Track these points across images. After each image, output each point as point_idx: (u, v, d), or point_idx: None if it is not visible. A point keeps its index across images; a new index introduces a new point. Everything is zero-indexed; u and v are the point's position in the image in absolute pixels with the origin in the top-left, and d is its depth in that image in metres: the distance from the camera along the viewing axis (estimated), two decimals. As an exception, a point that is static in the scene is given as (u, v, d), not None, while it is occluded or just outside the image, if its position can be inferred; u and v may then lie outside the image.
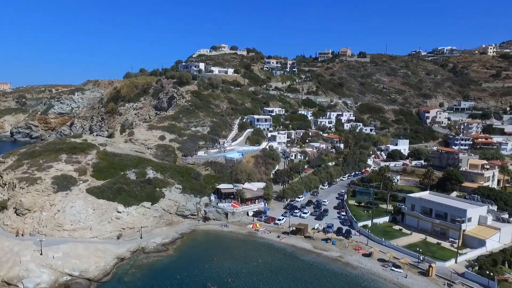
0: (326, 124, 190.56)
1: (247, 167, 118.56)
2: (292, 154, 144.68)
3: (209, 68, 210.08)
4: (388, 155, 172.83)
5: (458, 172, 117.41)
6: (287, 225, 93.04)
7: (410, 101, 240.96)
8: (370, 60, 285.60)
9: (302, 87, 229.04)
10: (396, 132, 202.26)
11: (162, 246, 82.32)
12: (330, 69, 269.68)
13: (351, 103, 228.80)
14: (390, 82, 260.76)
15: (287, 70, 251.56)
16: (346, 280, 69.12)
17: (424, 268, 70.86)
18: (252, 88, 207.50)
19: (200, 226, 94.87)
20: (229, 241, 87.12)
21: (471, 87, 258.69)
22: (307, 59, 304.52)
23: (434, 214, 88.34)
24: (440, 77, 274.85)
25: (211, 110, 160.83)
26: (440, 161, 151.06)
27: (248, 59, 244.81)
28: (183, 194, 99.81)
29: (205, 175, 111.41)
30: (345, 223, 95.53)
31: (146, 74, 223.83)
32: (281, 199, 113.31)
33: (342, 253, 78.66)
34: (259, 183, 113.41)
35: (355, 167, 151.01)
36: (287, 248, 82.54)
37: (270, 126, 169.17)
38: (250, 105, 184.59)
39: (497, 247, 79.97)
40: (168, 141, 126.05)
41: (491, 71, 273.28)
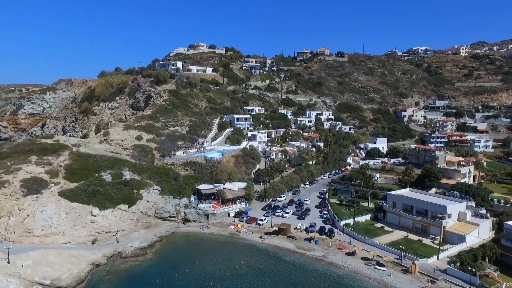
0: (306, 123, 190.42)
1: (228, 167, 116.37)
2: (272, 154, 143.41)
3: (187, 67, 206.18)
4: (367, 154, 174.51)
5: (436, 169, 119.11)
6: (270, 225, 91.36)
7: (387, 100, 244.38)
8: (348, 60, 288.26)
9: (281, 86, 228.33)
10: (374, 131, 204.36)
11: (140, 250, 79.05)
12: (309, 69, 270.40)
13: (330, 102, 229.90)
14: (367, 81, 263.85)
15: (266, 69, 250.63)
16: (331, 280, 68.08)
17: (407, 265, 70.70)
18: (231, 87, 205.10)
19: (180, 228, 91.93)
20: (210, 243, 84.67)
21: (445, 86, 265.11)
22: (286, 59, 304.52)
23: (415, 211, 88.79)
24: (416, 76, 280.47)
25: (189, 109, 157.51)
26: (418, 158, 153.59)
27: (226, 58, 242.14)
28: (162, 196, 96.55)
29: (185, 176, 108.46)
30: (327, 222, 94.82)
31: (122, 73, 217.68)
32: (262, 199, 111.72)
33: (325, 253, 77.68)
34: (240, 183, 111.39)
35: (335, 166, 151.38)
36: (270, 248, 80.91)
37: (250, 125, 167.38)
38: (230, 105, 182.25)
39: (476, 242, 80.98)
40: (145, 141, 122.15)
41: (464, 71, 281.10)
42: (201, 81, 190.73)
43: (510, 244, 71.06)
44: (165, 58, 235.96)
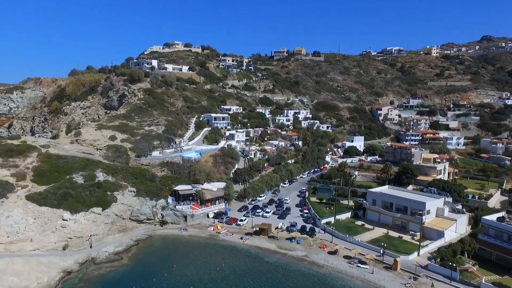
0: (284, 122, 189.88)
1: (206, 167, 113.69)
2: (251, 153, 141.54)
3: (162, 65, 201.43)
4: (344, 152, 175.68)
5: (413, 166, 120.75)
6: (250, 225, 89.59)
7: (363, 99, 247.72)
8: (324, 59, 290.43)
9: (259, 85, 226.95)
10: (351, 129, 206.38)
11: (115, 255, 75.42)
12: (286, 68, 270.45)
13: (307, 101, 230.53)
14: (344, 80, 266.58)
15: (243, 68, 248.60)
16: (314, 280, 66.92)
17: (389, 262, 70.57)
18: (208, 86, 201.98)
19: (157, 231, 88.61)
20: (189, 245, 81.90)
21: (418, 86, 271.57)
22: (262, 58, 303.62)
23: (394, 208, 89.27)
24: (390, 76, 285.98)
25: (165, 108, 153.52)
26: (394, 156, 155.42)
27: (203, 57, 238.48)
28: (138, 198, 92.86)
29: (161, 177, 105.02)
30: (308, 220, 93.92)
31: (94, 72, 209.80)
32: (242, 199, 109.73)
33: (307, 252, 76.58)
34: (219, 183, 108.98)
35: (314, 164, 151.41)
36: (251, 249, 79.09)
37: (228, 124, 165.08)
38: (207, 104, 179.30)
39: (454, 237, 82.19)
40: (119, 141, 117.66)
41: (435, 71, 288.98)
42: (177, 79, 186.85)
43: (487, 239, 72.18)
44: (139, 57, 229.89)
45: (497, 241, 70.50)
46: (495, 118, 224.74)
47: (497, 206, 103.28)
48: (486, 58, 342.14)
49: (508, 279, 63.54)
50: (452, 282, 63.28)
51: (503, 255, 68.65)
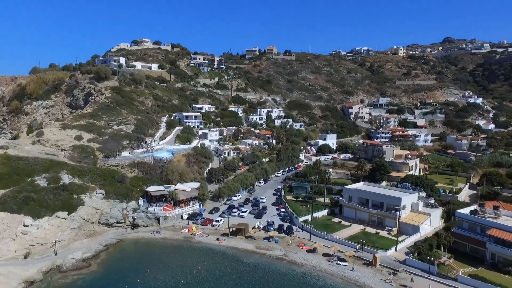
0: (257, 121, 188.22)
1: (179, 166, 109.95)
2: (225, 152, 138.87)
3: (130, 63, 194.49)
4: (318, 150, 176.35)
5: (386, 162, 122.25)
6: (226, 226, 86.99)
7: (334, 97, 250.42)
8: (296, 59, 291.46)
9: (231, 84, 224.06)
10: (323, 128, 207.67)
11: (83, 261, 70.73)
12: (257, 67, 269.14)
13: (280, 100, 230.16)
14: (315, 79, 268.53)
15: (215, 66, 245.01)
16: (294, 279, 65.35)
17: (368, 258, 70.17)
18: (179, 84, 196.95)
19: (128, 235, 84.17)
20: (163, 249, 78.21)
21: (387, 85, 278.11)
22: (234, 56, 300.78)
23: (370, 204, 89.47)
24: (360, 75, 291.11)
25: (135, 107, 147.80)
26: (366, 153, 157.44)
27: (173, 55, 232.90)
28: (107, 200, 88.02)
29: (132, 178, 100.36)
30: (285, 219, 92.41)
31: (58, 70, 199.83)
32: (217, 199, 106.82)
33: (286, 251, 74.99)
34: (193, 183, 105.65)
35: (288, 163, 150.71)
36: (228, 250, 76.56)
37: (201, 123, 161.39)
38: (178, 102, 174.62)
39: (429, 231, 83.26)
40: (86, 141, 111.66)
41: (403, 70, 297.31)
42: (147, 78, 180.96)
43: (461, 232, 73.36)
44: (106, 54, 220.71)
45: (470, 234, 71.75)
46: (459, 115, 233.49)
47: (466, 199, 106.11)
48: (448, 59, 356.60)
49: (482, 270, 64.58)
50: (431, 276, 63.52)
51: (477, 247, 69.90)
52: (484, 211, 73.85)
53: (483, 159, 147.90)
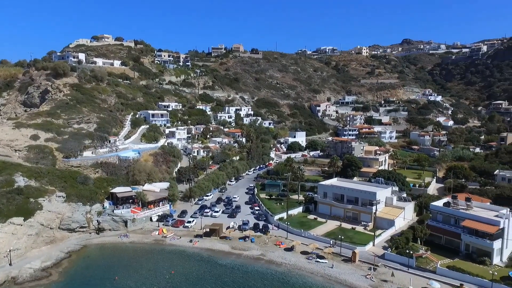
0: (226, 119, 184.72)
1: (146, 166, 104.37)
2: (194, 151, 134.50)
3: (91, 59, 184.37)
4: (288, 148, 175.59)
5: (357, 158, 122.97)
6: (199, 227, 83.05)
7: (302, 96, 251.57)
8: (263, 57, 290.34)
9: (198, 82, 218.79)
10: (292, 125, 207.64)
11: (43, 271, 64.39)
12: (224, 64, 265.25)
13: (248, 98, 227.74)
14: (282, 78, 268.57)
15: (180, 64, 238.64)
16: (273, 279, 62.80)
17: (347, 255, 69.00)
18: (143, 82, 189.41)
19: (93, 240, 78.06)
20: (132, 253, 73.08)
21: (352, 83, 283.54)
22: (200, 54, 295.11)
23: (345, 199, 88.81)
24: (326, 74, 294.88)
25: (96, 105, 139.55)
26: (335, 150, 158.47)
27: (136, 51, 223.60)
28: (68, 203, 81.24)
29: (95, 179, 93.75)
30: (260, 218, 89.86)
31: (9, 66, 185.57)
32: (188, 199, 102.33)
33: (263, 251, 72.34)
34: (162, 183, 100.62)
35: (259, 161, 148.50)
36: (203, 252, 72.75)
37: (168, 121, 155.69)
38: (143, 100, 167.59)
39: (403, 225, 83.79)
40: (43, 141, 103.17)
41: (367, 69, 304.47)
42: (109, 74, 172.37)
43: (435, 224, 74.01)
44: (63, 50, 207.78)
45: (445, 226, 72.51)
46: (420, 113, 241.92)
47: (435, 193, 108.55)
48: (408, 59, 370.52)
49: (458, 261, 65.13)
50: (410, 269, 63.21)
51: (451, 239, 70.65)
52: (456, 203, 74.95)
53: (447, 153, 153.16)
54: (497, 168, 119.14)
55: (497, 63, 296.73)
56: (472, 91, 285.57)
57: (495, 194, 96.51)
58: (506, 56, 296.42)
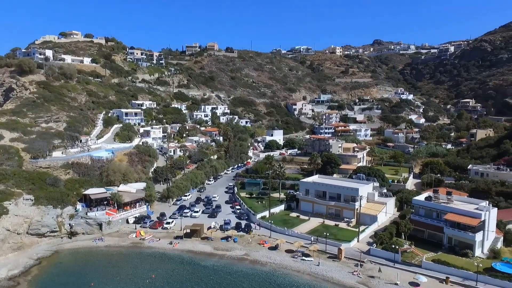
0: (203, 118, 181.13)
1: (121, 166, 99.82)
2: (171, 150, 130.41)
3: (59, 56, 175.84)
4: (265, 146, 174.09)
5: (336, 155, 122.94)
6: (179, 228, 79.87)
7: (278, 94, 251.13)
8: (238, 56, 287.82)
9: (172, 80, 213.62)
10: (269, 124, 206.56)
11: (9, 280, 59.61)
12: (199, 63, 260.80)
13: (224, 96, 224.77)
14: (258, 76, 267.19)
15: (154, 62, 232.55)
16: (259, 279, 60.78)
17: (333, 252, 67.96)
18: (115, 79, 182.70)
19: (65, 245, 73.28)
20: (108, 258, 69.05)
21: (327, 82, 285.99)
22: (174, 52, 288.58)
23: (328, 196, 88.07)
24: (301, 73, 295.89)
25: (66, 103, 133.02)
26: (313, 148, 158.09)
27: (107, 49, 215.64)
28: (37, 207, 75.99)
29: (66, 180, 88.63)
30: (242, 217, 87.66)
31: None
32: (166, 199, 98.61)
33: (247, 250, 70.17)
34: (138, 184, 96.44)
35: (237, 160, 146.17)
36: (184, 254, 69.74)
37: (142, 120, 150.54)
38: (115, 98, 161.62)
39: (385, 220, 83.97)
40: (8, 141, 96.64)
41: (341, 68, 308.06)
42: (79, 72, 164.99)
43: (418, 218, 74.31)
44: (29, 46, 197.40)
45: (427, 220, 72.91)
46: (393, 111, 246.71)
47: (412, 188, 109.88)
48: (380, 59, 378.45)
49: (441, 255, 65.41)
50: (396, 264, 62.87)
51: (434, 233, 71.10)
52: (437, 197, 75.60)
53: (421, 150, 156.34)
54: (469, 163, 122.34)
55: (464, 63, 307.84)
56: (441, 90, 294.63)
57: (471, 188, 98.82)
58: (472, 57, 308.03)
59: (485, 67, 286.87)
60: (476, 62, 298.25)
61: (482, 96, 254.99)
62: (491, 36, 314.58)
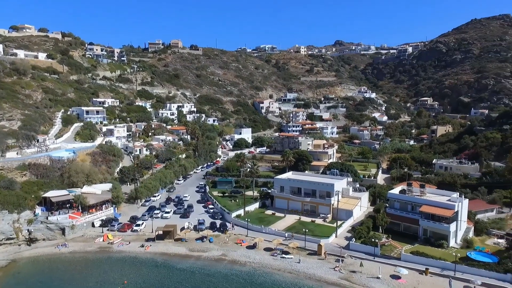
0: (169, 116, 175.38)
1: (84, 167, 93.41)
2: (136, 149, 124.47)
3: (10, 51, 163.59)
4: (234, 145, 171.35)
5: (308, 152, 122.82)
6: (150, 230, 75.54)
7: (244, 93, 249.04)
8: (203, 53, 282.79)
9: (135, 78, 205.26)
10: (236, 122, 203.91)
11: (-41, 295, 52.92)
12: (163, 60, 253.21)
13: (190, 94, 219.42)
14: (224, 75, 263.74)
15: (115, 59, 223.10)
16: (239, 280, 58.26)
17: (312, 248, 66.77)
18: (74, 76, 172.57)
19: (23, 253, 66.78)
20: (73, 265, 63.58)
21: (293, 81, 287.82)
22: (136, 49, 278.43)
23: (303, 192, 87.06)
24: (267, 71, 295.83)
25: (20, 101, 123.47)
26: (282, 145, 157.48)
27: (64, 44, 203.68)
28: (-10, 212, 68.81)
29: (23, 183, 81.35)
30: (216, 216, 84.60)
31: None
32: (134, 200, 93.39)
33: (224, 250, 67.39)
34: (104, 185, 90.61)
35: (207, 158, 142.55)
36: (157, 257, 65.79)
37: (105, 119, 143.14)
38: (75, 96, 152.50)
39: (360, 214, 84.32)
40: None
41: (306, 67, 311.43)
42: (33, 68, 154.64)
43: (394, 211, 74.90)
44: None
45: (402, 213, 73.65)
46: (357, 109, 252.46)
47: (382, 182, 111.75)
48: (343, 58, 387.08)
49: (418, 246, 66.17)
50: (376, 258, 62.69)
51: (410, 225, 71.91)
52: (411, 190, 76.69)
53: (387, 146, 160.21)
54: (434, 158, 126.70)
55: (421, 63, 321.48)
56: (401, 89, 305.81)
57: (438, 181, 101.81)
58: (429, 57, 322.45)
59: (441, 67, 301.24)
60: (432, 62, 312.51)
61: (439, 95, 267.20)
62: (445, 38, 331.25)
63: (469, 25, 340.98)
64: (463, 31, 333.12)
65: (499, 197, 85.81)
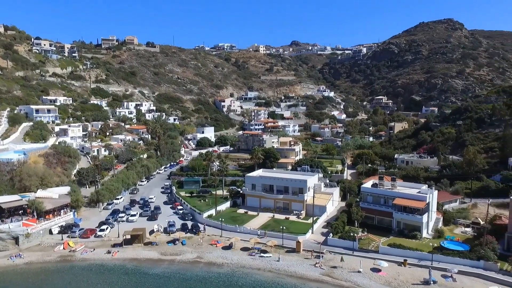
0: (127, 115, 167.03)
1: (37, 169, 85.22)
2: (94, 149, 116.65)
3: None
4: (197, 144, 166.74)
5: (275, 150, 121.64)
6: (116, 234, 70.16)
7: (205, 91, 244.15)
8: (160, 51, 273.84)
9: (89, 75, 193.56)
10: (198, 121, 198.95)
11: None
12: (118, 57, 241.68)
13: (148, 93, 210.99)
14: (183, 73, 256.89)
15: (65, 55, 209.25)
16: (217, 282, 55.23)
17: (290, 245, 65.26)
18: (20, 72, 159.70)
19: (-30, 267, 59.06)
20: (30, 277, 57.06)
21: (253, 79, 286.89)
22: (88, 45, 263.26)
23: (275, 190, 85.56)
24: (227, 70, 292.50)
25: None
26: (247, 144, 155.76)
27: (7, 38, 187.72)
28: None
29: (-34, 188, 72.37)
30: (186, 217, 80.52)
31: None
32: (95, 204, 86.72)
33: (199, 253, 63.92)
34: (61, 188, 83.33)
35: (170, 158, 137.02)
36: (127, 263, 60.94)
37: (57, 118, 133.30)
38: (22, 94, 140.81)
39: (333, 210, 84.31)
40: None
41: (265, 66, 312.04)
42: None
43: (367, 205, 75.28)
44: None
45: (376, 206, 74.31)
46: (317, 107, 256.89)
47: (349, 177, 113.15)
48: (300, 58, 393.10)
49: (393, 239, 66.88)
50: (355, 252, 62.40)
51: (383, 218, 72.67)
52: (382, 184, 77.68)
53: (349, 143, 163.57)
54: (395, 153, 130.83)
55: (375, 63, 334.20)
56: (358, 88, 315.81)
57: (402, 174, 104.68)
58: (382, 57, 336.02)
59: (394, 67, 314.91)
60: (386, 62, 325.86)
61: (392, 94, 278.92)
62: (397, 40, 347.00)
63: (418, 28, 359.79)
64: (413, 33, 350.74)
65: (461, 188, 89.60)
